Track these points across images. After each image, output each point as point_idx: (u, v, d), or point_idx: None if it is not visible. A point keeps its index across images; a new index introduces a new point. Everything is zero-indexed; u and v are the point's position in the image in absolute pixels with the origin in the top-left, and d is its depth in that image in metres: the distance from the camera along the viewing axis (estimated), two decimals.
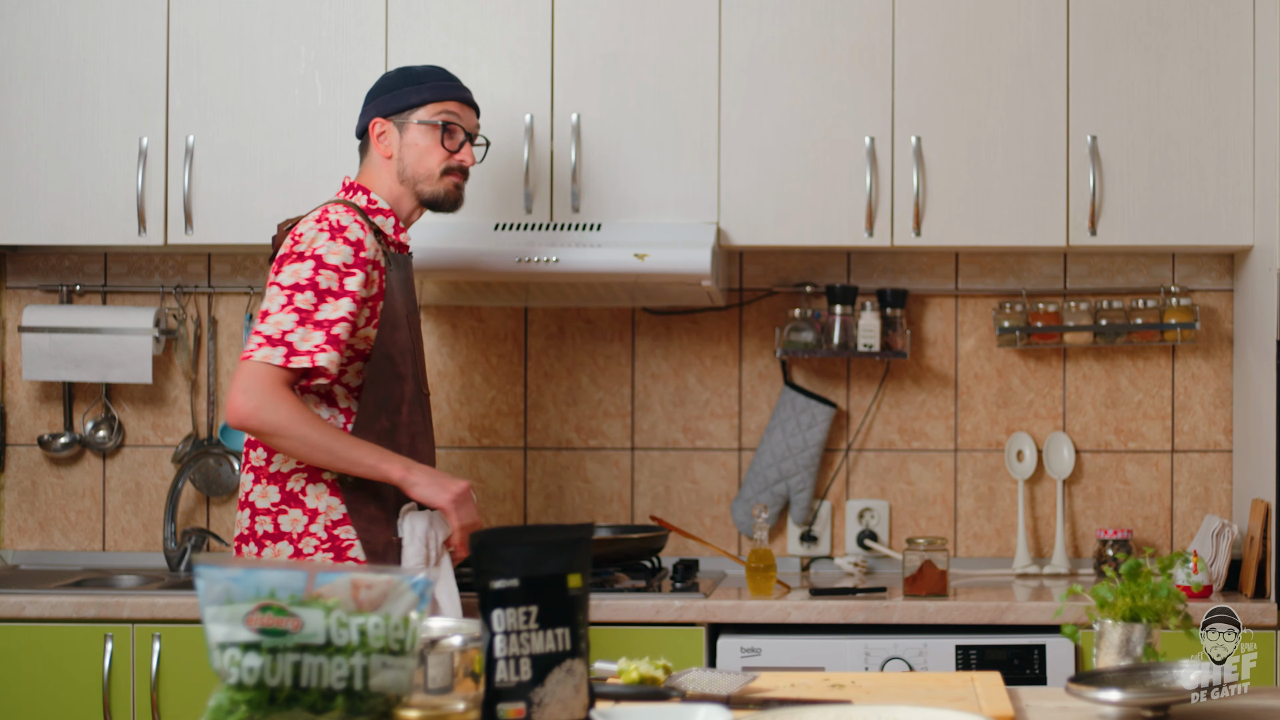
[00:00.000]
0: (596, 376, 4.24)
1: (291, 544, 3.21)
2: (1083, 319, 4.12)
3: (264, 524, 3.22)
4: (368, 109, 3.41)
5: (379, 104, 3.39)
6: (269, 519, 3.22)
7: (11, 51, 3.97)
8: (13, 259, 4.31)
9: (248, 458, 3.26)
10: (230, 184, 3.93)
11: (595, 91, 3.91)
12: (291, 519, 3.21)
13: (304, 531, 3.21)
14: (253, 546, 3.23)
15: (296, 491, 3.21)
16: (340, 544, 3.21)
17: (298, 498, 3.21)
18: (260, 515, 3.23)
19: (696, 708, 1.97)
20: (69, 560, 4.26)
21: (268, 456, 3.23)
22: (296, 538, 3.21)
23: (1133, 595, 2.30)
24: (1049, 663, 3.60)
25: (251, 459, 3.25)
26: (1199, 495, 4.18)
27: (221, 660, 1.83)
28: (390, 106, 3.37)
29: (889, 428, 4.22)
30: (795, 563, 4.22)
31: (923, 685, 2.47)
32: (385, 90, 3.40)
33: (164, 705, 3.65)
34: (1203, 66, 3.87)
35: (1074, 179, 3.88)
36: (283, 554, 3.20)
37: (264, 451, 3.23)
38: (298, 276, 3.12)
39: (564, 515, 4.23)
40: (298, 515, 3.21)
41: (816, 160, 3.89)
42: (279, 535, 3.21)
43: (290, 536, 3.21)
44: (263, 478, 3.23)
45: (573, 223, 3.87)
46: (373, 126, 3.37)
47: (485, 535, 1.96)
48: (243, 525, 3.25)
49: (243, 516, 3.26)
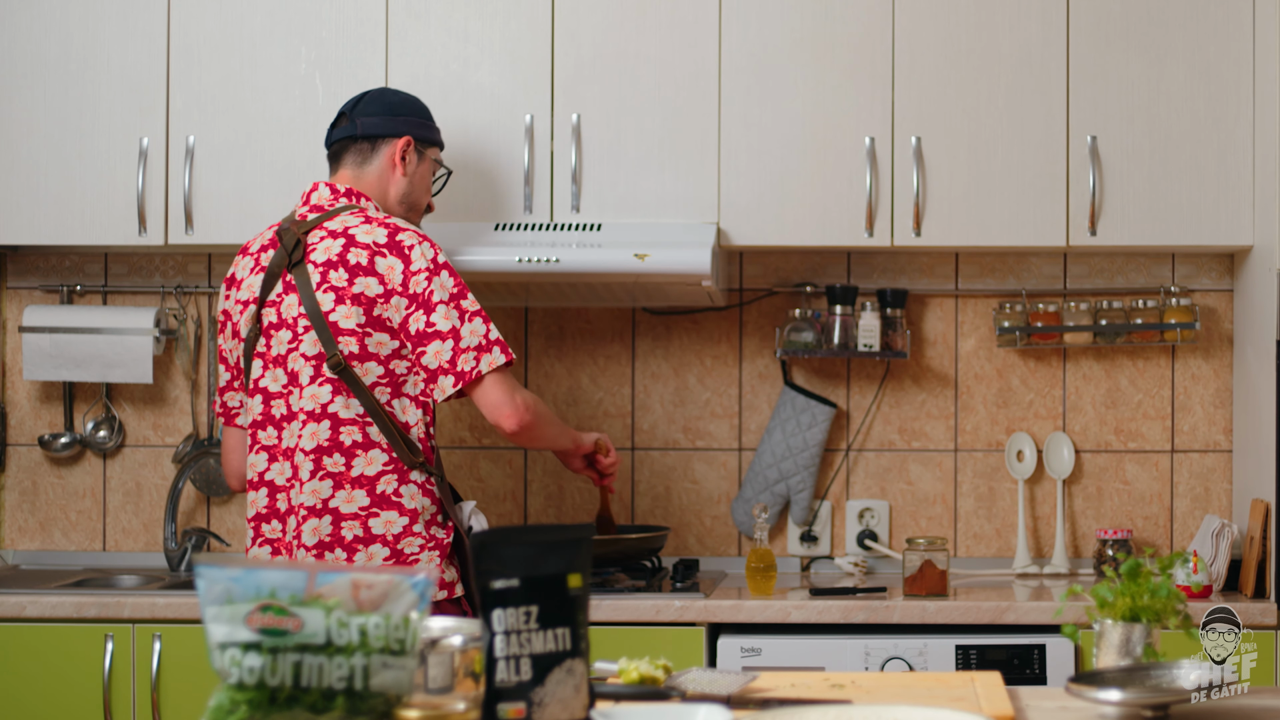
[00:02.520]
0: (596, 376, 4.24)
1: (387, 545, 3.20)
2: (1083, 319, 4.12)
3: (352, 528, 3.20)
4: (400, 123, 3.45)
5: (415, 125, 3.48)
6: (358, 523, 3.20)
7: (11, 51, 3.97)
8: (13, 259, 4.32)
9: (320, 465, 3.21)
10: (230, 184, 3.94)
11: (595, 91, 3.91)
12: (384, 521, 3.20)
13: (403, 532, 3.20)
14: (340, 553, 3.19)
15: (389, 494, 3.21)
16: (441, 542, 3.24)
17: (391, 499, 3.21)
18: (346, 521, 3.20)
19: (697, 708, 1.97)
20: (69, 560, 4.26)
21: (347, 462, 3.20)
22: (393, 539, 3.20)
23: (1133, 595, 2.30)
24: (1049, 663, 3.60)
25: (326, 465, 3.21)
26: (1199, 495, 4.18)
27: (222, 660, 1.83)
28: (423, 134, 3.50)
29: (889, 428, 4.22)
30: (795, 563, 4.22)
31: (923, 685, 2.47)
32: (421, 115, 3.53)
33: (164, 705, 3.65)
34: (1203, 66, 3.87)
35: (1074, 179, 3.88)
36: (377, 557, 3.18)
37: (342, 457, 3.20)
38: (449, 287, 3.22)
39: (564, 515, 4.23)
40: (392, 517, 3.20)
41: (816, 160, 3.90)
42: (370, 539, 3.20)
43: (384, 539, 3.20)
44: (345, 483, 3.20)
45: (573, 223, 3.87)
46: (406, 143, 3.45)
47: (485, 535, 1.96)
48: (321, 533, 3.20)
49: (320, 524, 3.20)
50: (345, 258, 3.23)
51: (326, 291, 3.22)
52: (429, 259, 3.23)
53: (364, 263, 3.22)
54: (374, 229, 3.26)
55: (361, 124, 3.45)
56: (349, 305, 3.21)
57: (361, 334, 3.21)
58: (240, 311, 3.35)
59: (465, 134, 3.90)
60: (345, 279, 3.22)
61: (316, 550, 3.20)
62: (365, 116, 3.46)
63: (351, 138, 3.45)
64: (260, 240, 3.39)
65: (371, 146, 3.44)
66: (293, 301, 3.26)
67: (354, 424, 3.21)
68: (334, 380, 3.21)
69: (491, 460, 4.23)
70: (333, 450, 3.21)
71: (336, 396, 3.21)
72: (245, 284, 3.35)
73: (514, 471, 4.24)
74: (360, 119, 3.45)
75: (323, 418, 3.22)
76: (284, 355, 3.27)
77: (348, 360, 3.20)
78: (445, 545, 3.25)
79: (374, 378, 3.21)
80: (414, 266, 3.22)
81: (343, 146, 3.46)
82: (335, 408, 3.21)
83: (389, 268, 3.22)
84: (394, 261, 3.22)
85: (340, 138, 3.46)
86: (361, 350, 3.21)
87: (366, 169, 3.44)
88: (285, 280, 3.28)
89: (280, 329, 3.27)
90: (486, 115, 3.90)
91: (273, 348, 3.28)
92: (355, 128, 3.45)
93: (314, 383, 3.22)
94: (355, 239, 3.25)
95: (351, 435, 3.21)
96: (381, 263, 3.22)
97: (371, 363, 3.21)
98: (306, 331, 3.23)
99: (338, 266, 3.23)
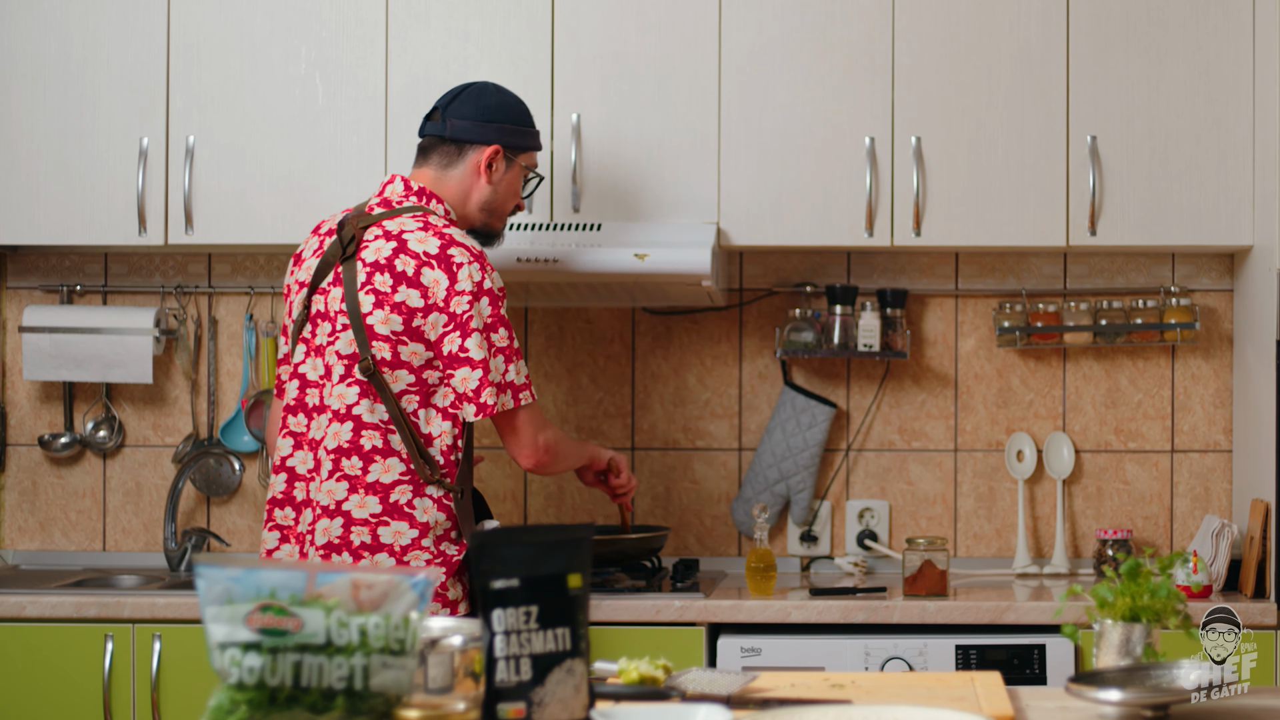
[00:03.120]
0: (596, 376, 4.24)
1: (393, 556, 3.16)
2: (1083, 319, 4.12)
3: (361, 534, 3.17)
4: (491, 130, 3.37)
5: (506, 133, 3.39)
6: (367, 530, 3.17)
7: (12, 51, 3.97)
8: (13, 259, 4.32)
9: (339, 465, 3.18)
10: (230, 184, 3.94)
11: (595, 91, 3.91)
12: (394, 531, 3.16)
13: (411, 545, 3.17)
14: (346, 557, 3.16)
15: (403, 504, 3.17)
16: (450, 559, 3.19)
17: (403, 510, 3.17)
18: (356, 525, 3.17)
19: (697, 708, 1.97)
20: (69, 560, 4.26)
21: (364, 466, 3.17)
22: (400, 551, 3.16)
23: (1133, 595, 2.30)
24: (1049, 663, 3.60)
25: (344, 467, 3.18)
26: (1199, 495, 4.18)
27: (222, 660, 1.83)
28: (515, 141, 3.41)
29: (889, 428, 4.22)
30: (795, 563, 4.22)
31: (923, 685, 2.47)
32: (516, 122, 3.43)
33: (164, 705, 3.65)
34: (1203, 66, 3.87)
35: (1074, 179, 3.88)
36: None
37: (360, 461, 3.17)
38: (484, 316, 3.19)
39: (564, 515, 4.23)
40: (402, 528, 3.17)
41: (816, 160, 3.89)
42: (378, 547, 3.17)
43: (391, 549, 3.16)
44: (360, 487, 3.17)
45: (573, 223, 3.87)
46: (494, 151, 3.36)
47: (485, 535, 1.96)
48: (332, 535, 3.17)
49: (331, 525, 3.18)
50: (393, 263, 3.18)
51: (369, 293, 3.18)
52: (475, 281, 3.18)
53: (410, 272, 3.17)
54: (428, 238, 3.20)
55: (452, 125, 3.37)
56: (388, 311, 3.17)
57: (396, 341, 3.16)
58: (298, 290, 3.32)
59: None
60: (389, 284, 3.17)
61: (325, 551, 3.18)
62: (457, 118, 3.37)
63: (440, 137, 3.38)
64: (329, 223, 3.35)
65: (459, 150, 3.37)
66: (337, 296, 3.22)
67: (376, 429, 3.17)
68: (362, 383, 3.18)
69: (491, 460, 4.23)
70: (352, 453, 3.18)
71: (363, 399, 3.18)
72: (305, 265, 3.31)
73: (514, 472, 4.24)
74: (452, 119, 3.37)
75: (346, 418, 3.18)
76: (324, 347, 3.23)
77: (379, 365, 3.17)
78: (455, 562, 3.19)
79: (404, 385, 3.17)
80: (459, 286, 3.17)
81: (431, 144, 3.38)
82: (360, 410, 3.18)
83: (434, 281, 3.16)
84: (440, 276, 3.17)
85: (430, 134, 3.39)
86: (394, 357, 3.17)
87: (450, 172, 3.37)
88: (336, 272, 3.24)
89: (324, 320, 3.24)
90: None
91: (316, 337, 3.25)
92: (445, 128, 3.37)
93: (343, 382, 3.19)
94: (407, 245, 3.19)
95: (372, 440, 3.17)
96: (428, 274, 3.17)
97: (403, 370, 3.17)
98: (345, 329, 3.20)
99: (384, 270, 3.19)
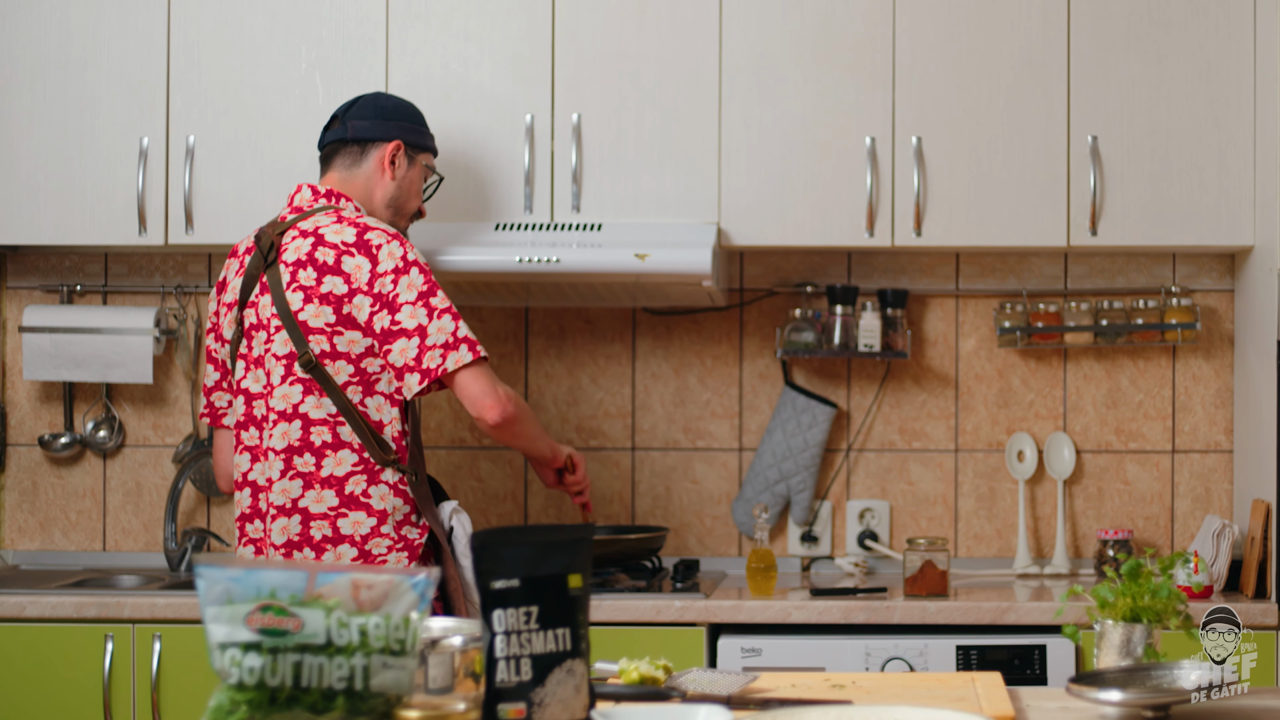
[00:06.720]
0: (597, 376, 4.24)
1: (355, 546, 3.20)
2: (1083, 319, 4.12)
3: (321, 529, 3.20)
4: (391, 127, 3.46)
5: (406, 130, 3.48)
6: (326, 523, 3.20)
7: (12, 51, 3.97)
8: (13, 259, 4.31)
9: (290, 464, 3.22)
10: (230, 184, 3.94)
11: (595, 91, 3.91)
12: (352, 522, 3.20)
13: (370, 533, 3.21)
14: (309, 552, 3.20)
15: (358, 494, 3.21)
16: (411, 543, 3.23)
17: (359, 500, 3.21)
18: (315, 520, 3.20)
19: (697, 708, 1.97)
20: (69, 560, 4.26)
21: (317, 462, 3.21)
22: (361, 540, 3.20)
23: (1133, 595, 2.30)
24: (1049, 663, 3.60)
25: (297, 465, 3.21)
26: (1199, 495, 4.18)
27: (222, 660, 1.83)
28: (414, 138, 3.50)
29: (889, 428, 4.22)
30: (796, 563, 4.22)
31: (923, 685, 2.47)
32: (412, 120, 3.52)
33: (164, 705, 3.65)
34: (1203, 66, 3.87)
35: (1074, 179, 3.88)
36: (345, 557, 3.19)
37: (312, 457, 3.21)
38: (417, 285, 3.20)
39: (564, 515, 4.23)
40: (360, 518, 3.21)
41: (817, 160, 3.89)
42: (339, 539, 3.20)
43: (352, 539, 3.20)
44: (315, 483, 3.21)
45: (573, 223, 3.87)
46: (395, 146, 3.44)
47: (485, 535, 1.96)
48: (290, 533, 3.21)
49: (289, 523, 3.21)
50: (314, 256, 3.24)
51: (296, 291, 3.23)
52: (397, 258, 3.22)
53: (330, 262, 3.22)
54: (343, 228, 3.26)
55: (352, 127, 3.45)
56: (317, 304, 3.21)
57: (331, 333, 3.21)
58: (225, 313, 3.38)
59: (465, 134, 3.90)
60: (314, 278, 3.22)
61: (285, 549, 3.22)
62: (357, 120, 3.46)
63: (342, 140, 3.45)
64: (245, 243, 3.41)
65: (361, 150, 3.45)
66: (267, 302, 3.27)
67: (324, 424, 3.21)
68: (305, 380, 3.22)
69: (491, 460, 4.23)
70: (303, 450, 3.22)
71: (308, 396, 3.22)
72: (230, 286, 3.38)
73: (514, 471, 4.24)
74: (351, 122, 3.46)
75: (294, 418, 3.22)
76: (262, 356, 3.28)
77: (319, 359, 3.21)
78: (416, 546, 3.23)
79: (345, 377, 3.21)
80: (381, 267, 3.21)
81: (334, 149, 3.47)
82: (306, 408, 3.21)
83: (356, 267, 3.22)
84: (361, 261, 3.22)
85: (331, 140, 3.47)
86: (332, 349, 3.21)
87: (355, 171, 3.45)
88: (261, 281, 3.29)
89: (258, 330, 3.29)
90: (487, 115, 3.90)
91: (253, 349, 3.30)
92: (346, 130, 3.45)
93: (285, 382, 3.23)
94: (324, 238, 3.25)
95: (321, 435, 3.21)
96: (349, 262, 3.22)
97: (342, 361, 3.21)
98: (279, 331, 3.24)
99: (306, 266, 3.24)
